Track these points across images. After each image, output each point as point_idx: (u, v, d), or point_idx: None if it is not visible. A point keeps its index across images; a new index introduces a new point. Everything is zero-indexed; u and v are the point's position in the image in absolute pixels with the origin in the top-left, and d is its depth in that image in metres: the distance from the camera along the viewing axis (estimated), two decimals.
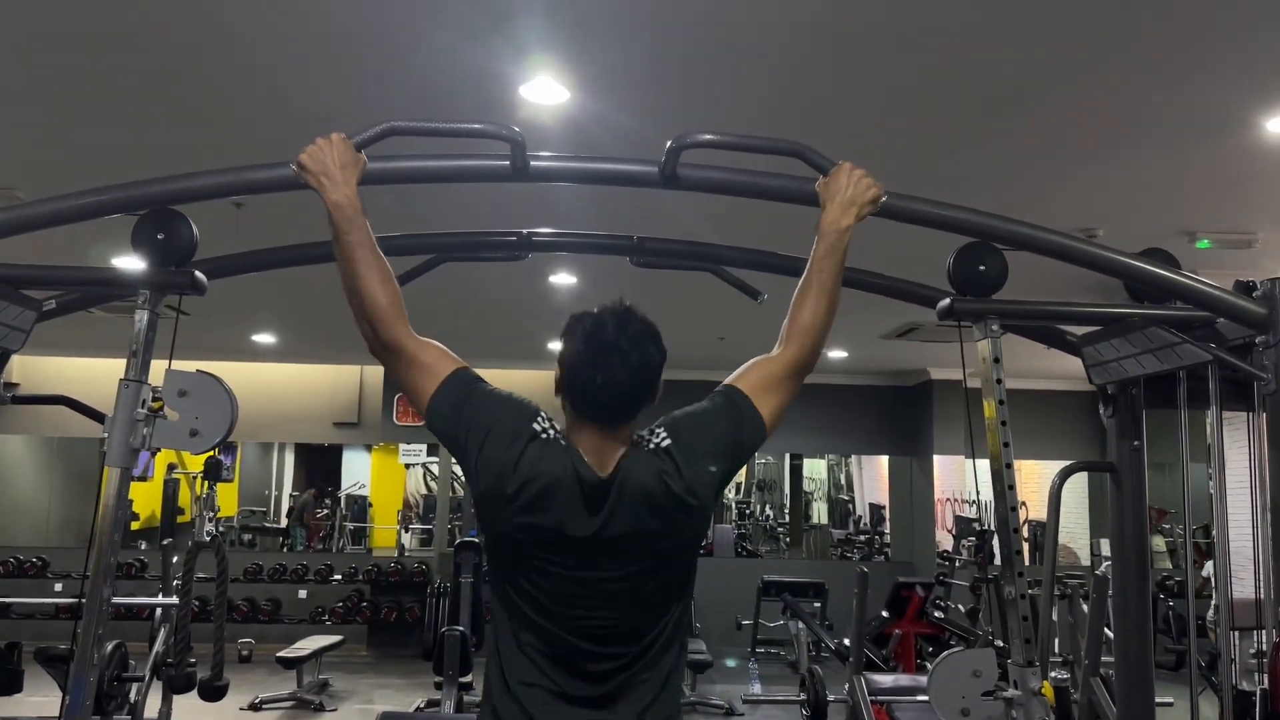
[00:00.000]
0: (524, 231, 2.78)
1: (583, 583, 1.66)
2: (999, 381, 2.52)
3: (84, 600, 2.15)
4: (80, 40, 2.86)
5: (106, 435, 2.19)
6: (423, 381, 1.72)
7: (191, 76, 3.09)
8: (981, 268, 2.53)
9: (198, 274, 2.28)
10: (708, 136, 1.97)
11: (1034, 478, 9.84)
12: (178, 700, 4.06)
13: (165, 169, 2.11)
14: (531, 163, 2.00)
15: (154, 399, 2.23)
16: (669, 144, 1.96)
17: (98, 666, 2.17)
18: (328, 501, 12.72)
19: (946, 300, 2.53)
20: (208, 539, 3.93)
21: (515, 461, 1.64)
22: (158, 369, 2.27)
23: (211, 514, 4.06)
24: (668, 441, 1.71)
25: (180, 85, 3.16)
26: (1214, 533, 2.57)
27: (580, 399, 1.69)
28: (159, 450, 2.36)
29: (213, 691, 3.81)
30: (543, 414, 1.72)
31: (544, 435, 1.68)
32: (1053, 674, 2.50)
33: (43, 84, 3.17)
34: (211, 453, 3.97)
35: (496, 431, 1.67)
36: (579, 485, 1.64)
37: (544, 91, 3.13)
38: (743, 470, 14.54)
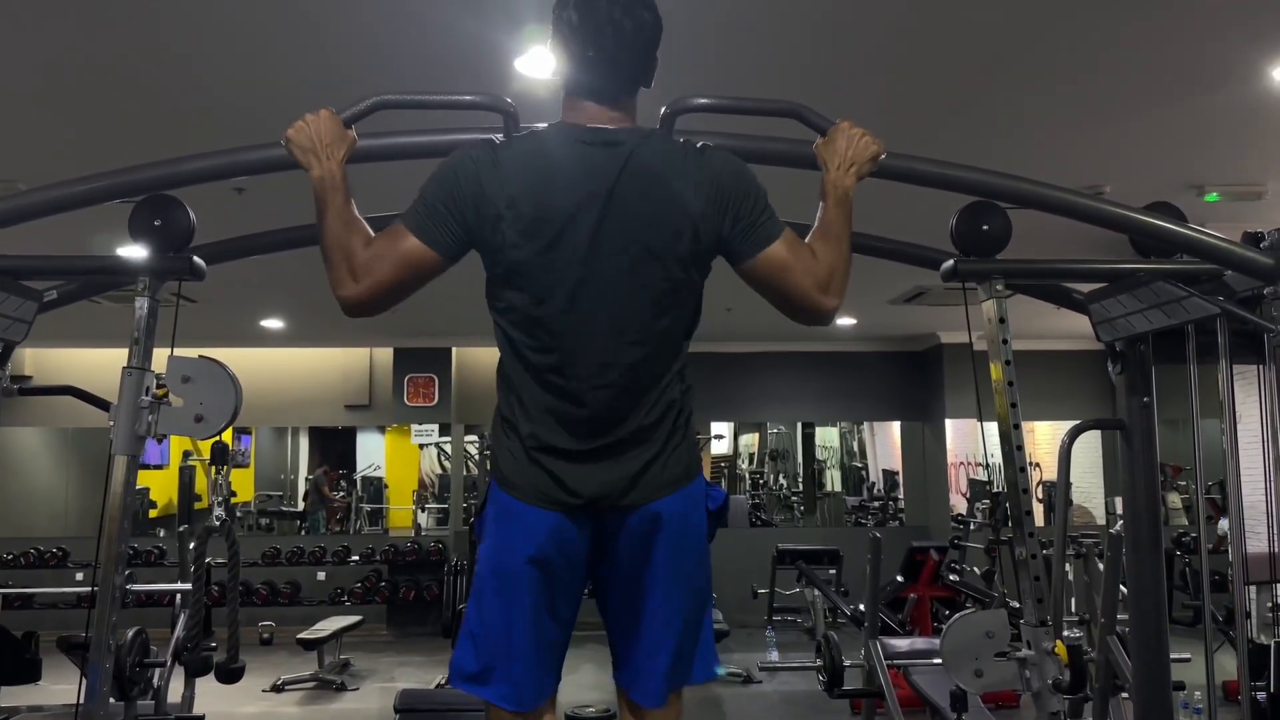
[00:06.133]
0: None
1: (581, 282, 1.61)
2: (1005, 342, 2.51)
3: (96, 588, 2.17)
4: (70, 19, 2.84)
5: (112, 423, 2.20)
6: (408, 251, 1.62)
7: (178, 53, 3.06)
8: (985, 227, 2.50)
9: (196, 259, 2.29)
10: (703, 100, 1.95)
11: (1047, 439, 9.81)
12: (202, 684, 4.10)
13: (157, 154, 2.10)
14: None
15: (158, 386, 2.24)
16: (663, 110, 1.94)
17: (114, 652, 2.19)
18: (344, 484, 12.78)
19: (950, 261, 2.51)
20: (217, 524, 3.95)
21: (485, 182, 1.61)
22: (166, 358, 2.28)
23: (221, 499, 4.09)
24: (702, 144, 1.69)
25: (166, 63, 3.13)
26: (1227, 488, 2.55)
27: (573, 75, 1.68)
28: (165, 437, 2.37)
29: (229, 674, 3.84)
30: (492, 138, 1.70)
31: (502, 139, 1.67)
32: (1066, 633, 2.49)
33: (36, 69, 3.16)
34: (222, 436, 3.98)
35: (459, 191, 1.62)
36: (574, 148, 1.62)
37: (539, 64, 3.09)
38: (755, 440, 14.61)
